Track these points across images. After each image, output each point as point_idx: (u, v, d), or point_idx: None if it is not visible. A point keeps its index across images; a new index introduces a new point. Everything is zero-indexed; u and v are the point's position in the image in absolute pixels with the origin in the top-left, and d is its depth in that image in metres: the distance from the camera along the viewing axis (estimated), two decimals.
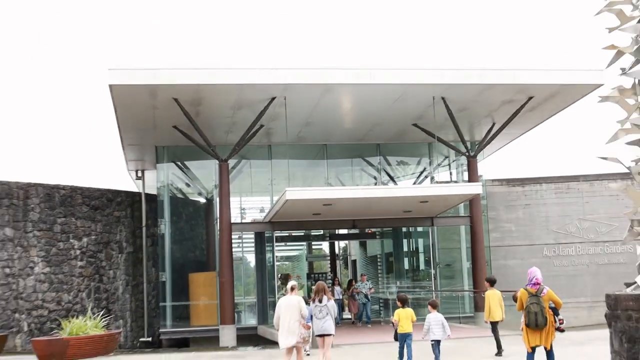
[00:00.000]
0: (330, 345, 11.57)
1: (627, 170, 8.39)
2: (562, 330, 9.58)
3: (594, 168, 26.81)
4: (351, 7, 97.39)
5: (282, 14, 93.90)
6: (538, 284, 9.16)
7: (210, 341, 20.44)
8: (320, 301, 11.10)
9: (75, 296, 21.92)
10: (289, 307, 11.18)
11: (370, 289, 21.59)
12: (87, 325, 15.84)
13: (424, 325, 11.53)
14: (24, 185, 21.19)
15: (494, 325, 12.85)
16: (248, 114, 19.30)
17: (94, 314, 17.30)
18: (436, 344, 11.34)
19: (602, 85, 18.31)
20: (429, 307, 11.88)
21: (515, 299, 9.87)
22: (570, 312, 18.39)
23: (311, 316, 11.37)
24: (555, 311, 9.38)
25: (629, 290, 7.74)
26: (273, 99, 18.18)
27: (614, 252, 23.35)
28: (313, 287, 13.04)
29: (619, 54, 8.01)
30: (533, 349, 9.23)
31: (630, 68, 7.92)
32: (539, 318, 8.98)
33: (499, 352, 12.55)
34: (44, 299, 21.29)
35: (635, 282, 7.84)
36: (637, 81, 8.08)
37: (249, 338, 20.66)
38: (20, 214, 20.91)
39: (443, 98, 18.85)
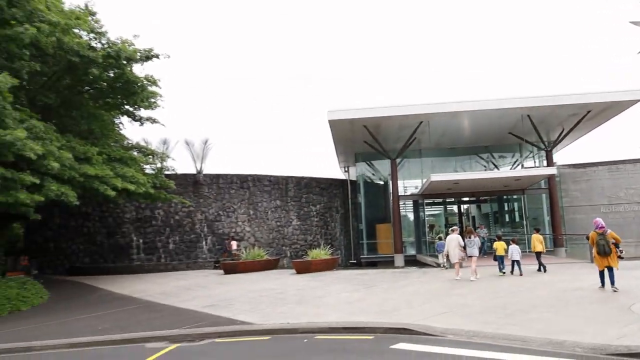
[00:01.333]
0: (475, 262, 15.37)
1: None
2: (622, 258, 11.25)
3: (637, 154, 27.77)
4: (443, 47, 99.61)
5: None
6: (603, 227, 11.27)
7: (388, 264, 25.21)
8: (470, 238, 15.66)
9: (313, 237, 29.56)
10: (452, 240, 15.73)
11: (485, 233, 24.52)
12: (320, 253, 21.25)
13: (509, 251, 15.73)
14: (284, 177, 29.48)
15: (538, 254, 16.19)
16: (406, 131, 24.52)
17: (324, 247, 23.23)
18: (516, 263, 15.56)
19: None
20: (512, 242, 16.01)
21: (588, 238, 12.12)
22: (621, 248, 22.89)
23: (464, 246, 15.78)
24: (616, 245, 11.17)
25: None
26: (421, 122, 23.82)
27: None
28: (465, 229, 18.10)
29: None
30: (602, 269, 11.36)
31: None
32: (606, 248, 11.06)
33: (544, 270, 15.82)
34: (298, 239, 29.22)
35: None
36: None
37: (411, 262, 25.29)
38: (284, 193, 29.15)
39: (528, 115, 23.57)
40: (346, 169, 33.35)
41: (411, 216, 30.82)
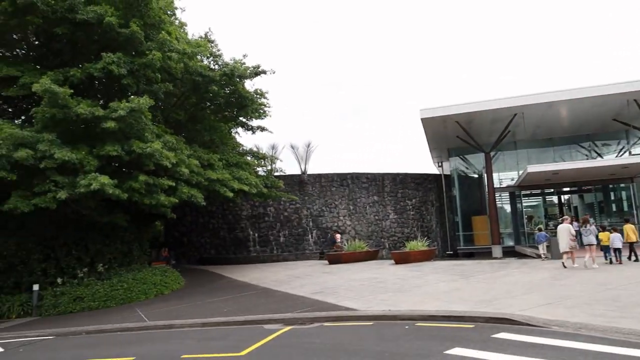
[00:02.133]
0: (593, 250, 14.34)
1: None
2: None
3: None
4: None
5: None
6: None
7: (486, 255, 24.04)
8: (585, 226, 14.84)
9: (410, 230, 29.11)
10: (564, 229, 14.98)
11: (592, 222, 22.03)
12: (418, 244, 20.89)
13: (610, 240, 14.78)
14: (381, 174, 29.39)
15: (631, 245, 15.23)
16: (500, 124, 23.31)
17: (420, 239, 23.80)
18: (617, 250, 14.65)
19: None
20: (612, 230, 15.11)
21: None
22: None
23: (580, 235, 15.01)
24: None
25: None
26: (515, 114, 22.31)
27: None
28: (581, 218, 17.67)
29: None
30: None
31: None
32: None
33: (637, 259, 14.96)
34: (395, 231, 28.93)
35: None
36: None
37: (509, 253, 24.02)
38: (380, 189, 29.06)
39: (635, 100, 21.08)
40: (440, 164, 32.49)
41: (508, 208, 29.02)
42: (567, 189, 27.35)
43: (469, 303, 9.71)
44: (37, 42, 16.82)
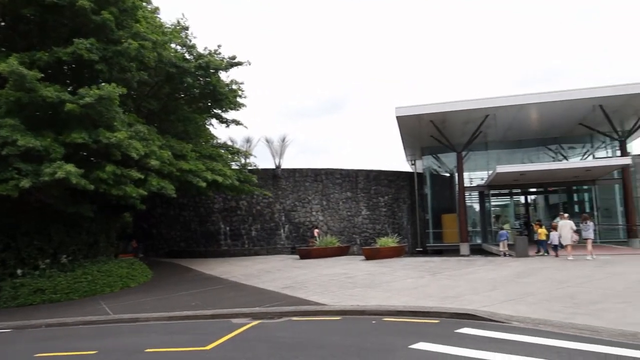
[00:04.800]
0: (590, 244, 16.05)
1: None
2: None
3: None
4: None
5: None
6: None
7: (454, 252, 24.39)
8: (586, 223, 16.33)
9: (382, 226, 28.80)
10: (565, 224, 16.49)
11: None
12: (388, 241, 20.89)
13: (550, 236, 17.40)
14: (355, 170, 29.15)
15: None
16: (472, 125, 23.59)
17: (391, 235, 22.36)
18: (555, 247, 16.98)
19: None
20: (552, 228, 17.49)
21: None
22: None
23: (579, 230, 16.40)
24: None
25: None
26: (487, 116, 22.72)
27: None
28: (582, 215, 18.12)
29: None
30: None
31: None
32: None
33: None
34: (367, 227, 28.90)
35: None
36: None
37: (477, 251, 24.51)
38: (354, 185, 28.82)
39: (600, 105, 21.62)
40: (413, 162, 32.77)
41: (477, 207, 29.83)
42: (534, 189, 28.26)
43: (435, 299, 9.90)
44: (2, 23, 16.07)
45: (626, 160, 22.46)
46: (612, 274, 12.41)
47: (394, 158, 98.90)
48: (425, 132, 25.61)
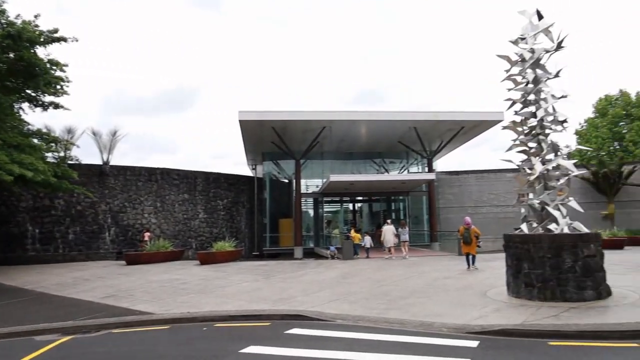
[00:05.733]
0: (407, 246, 19.52)
1: (517, 167, 10.24)
2: (479, 246, 14.67)
3: (498, 165, 29.24)
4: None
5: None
6: (468, 224, 14.43)
7: (289, 256, 25.48)
8: (403, 228, 19.73)
9: (219, 230, 28.93)
10: (389, 229, 19.40)
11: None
12: (225, 245, 20.88)
13: (364, 241, 20.44)
14: (194, 172, 28.61)
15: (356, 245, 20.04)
16: (311, 135, 24.99)
17: (229, 239, 23.21)
18: (367, 250, 20.16)
19: (502, 120, 23.31)
20: (366, 234, 20.75)
21: (459, 231, 15.16)
22: (482, 243, 25.13)
23: (398, 235, 19.68)
24: (477, 237, 14.38)
25: (517, 232, 9.68)
26: (324, 127, 24.21)
27: (508, 211, 27.46)
28: (400, 222, 22.03)
29: (513, 103, 10.20)
30: (466, 254, 14.47)
31: (520, 111, 10.14)
32: (468, 239, 14.22)
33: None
34: (204, 231, 28.25)
35: (519, 228, 9.77)
36: (523, 118, 10.05)
37: (310, 254, 25.99)
38: (192, 187, 28.10)
39: (414, 127, 25.06)
40: (254, 167, 33.29)
41: (312, 212, 31.52)
42: (361, 198, 31.25)
43: (268, 302, 10.10)
44: None
45: (431, 176, 26.45)
46: (417, 273, 14.44)
47: (238, 161, 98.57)
48: (267, 138, 26.13)
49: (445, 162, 59.70)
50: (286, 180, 33.28)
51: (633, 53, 78.86)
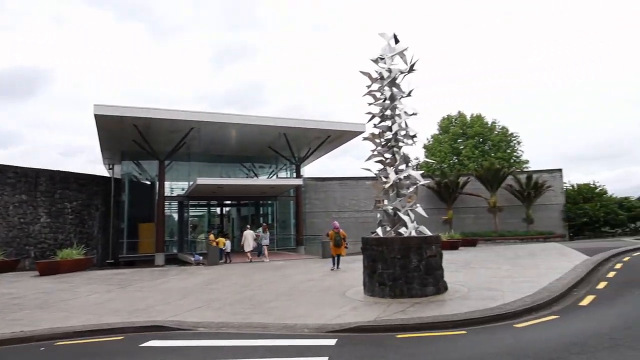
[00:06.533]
0: (267, 250, 21.13)
1: (374, 175, 11.00)
2: (347, 247, 15.83)
3: (359, 173, 27.36)
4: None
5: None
6: (337, 228, 15.40)
7: (149, 263, 23.70)
8: (264, 232, 21.36)
9: (66, 236, 25.68)
10: (249, 234, 20.49)
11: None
12: (72, 253, 19.10)
13: (226, 245, 20.66)
14: (35, 169, 25.00)
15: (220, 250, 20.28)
16: (177, 135, 23.64)
17: (77, 246, 20.58)
18: (227, 254, 20.50)
19: (364, 131, 23.34)
20: (226, 238, 21.19)
21: (328, 235, 16.13)
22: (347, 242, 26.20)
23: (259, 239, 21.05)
24: (344, 240, 15.52)
25: (373, 235, 10.33)
26: (192, 128, 23.11)
27: (367, 216, 28.56)
28: (262, 226, 23.13)
29: (373, 117, 10.90)
30: (334, 256, 15.35)
31: (378, 124, 10.89)
32: (339, 242, 15.14)
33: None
34: (46, 237, 24.78)
35: (375, 232, 10.43)
36: (381, 131, 10.80)
37: (172, 260, 24.75)
38: (32, 187, 24.48)
39: (284, 134, 25.30)
40: (111, 167, 30.34)
41: (176, 216, 29.97)
42: (229, 202, 30.61)
43: (122, 314, 9.28)
44: None
45: (299, 181, 27.16)
46: (283, 276, 14.71)
47: (93, 159, 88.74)
48: (127, 136, 24.10)
49: (313, 169, 62.90)
50: (148, 182, 31.02)
51: (472, 78, 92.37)
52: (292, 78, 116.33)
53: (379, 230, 10.67)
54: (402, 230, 10.29)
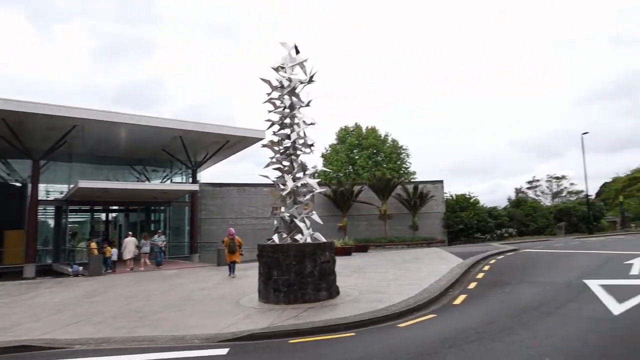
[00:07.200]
0: (146, 257, 21.05)
1: (272, 183, 11.04)
2: (242, 254, 15.99)
3: (258, 179, 30.07)
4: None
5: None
6: (232, 234, 15.34)
7: (17, 274, 21.51)
8: (144, 240, 21.33)
9: None
10: (130, 241, 20.19)
11: (163, 241, 22.64)
12: None
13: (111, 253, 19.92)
14: None
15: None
16: (56, 133, 21.66)
17: None
18: (114, 262, 19.87)
19: (264, 138, 23.04)
20: (112, 245, 20.73)
21: (223, 242, 15.71)
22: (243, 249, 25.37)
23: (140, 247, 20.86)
24: (240, 247, 15.52)
25: (269, 242, 10.37)
26: (75, 126, 21.26)
27: (264, 223, 27.60)
28: (143, 234, 22.88)
29: (272, 124, 10.98)
30: (230, 263, 15.33)
31: (277, 132, 10.99)
32: (234, 248, 15.12)
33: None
34: None
35: (272, 239, 10.53)
36: (280, 139, 10.89)
37: (46, 272, 22.39)
38: None
39: (180, 137, 24.35)
40: None
41: (52, 222, 27.07)
42: (116, 207, 28.55)
43: None
44: None
45: (195, 187, 26.32)
46: (174, 285, 14.03)
47: None
48: None
49: (210, 174, 60.89)
50: (19, 184, 27.62)
51: (369, 93, 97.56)
52: (192, 78, 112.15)
53: (276, 237, 10.73)
54: (298, 237, 10.47)
